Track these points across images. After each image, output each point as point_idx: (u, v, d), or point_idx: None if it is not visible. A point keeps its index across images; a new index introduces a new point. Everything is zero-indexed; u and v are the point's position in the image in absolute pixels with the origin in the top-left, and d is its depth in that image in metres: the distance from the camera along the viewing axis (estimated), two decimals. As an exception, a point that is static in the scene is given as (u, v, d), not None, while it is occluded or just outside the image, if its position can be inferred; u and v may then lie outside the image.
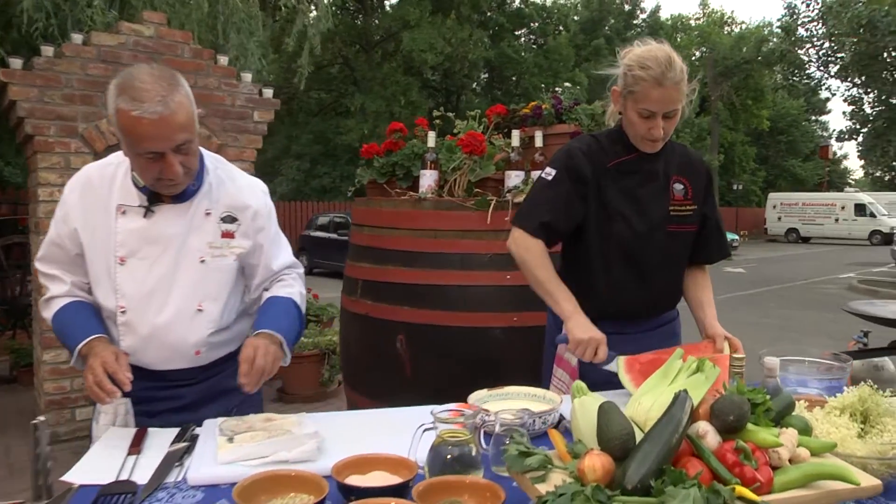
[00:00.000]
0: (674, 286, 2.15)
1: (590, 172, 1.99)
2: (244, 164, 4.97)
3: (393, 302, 3.14)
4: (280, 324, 1.73)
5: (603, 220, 2.01)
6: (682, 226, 2.06)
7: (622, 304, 2.09)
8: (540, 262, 2.00)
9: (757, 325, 9.23)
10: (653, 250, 2.03)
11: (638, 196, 2.00)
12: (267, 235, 1.84)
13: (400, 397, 3.26)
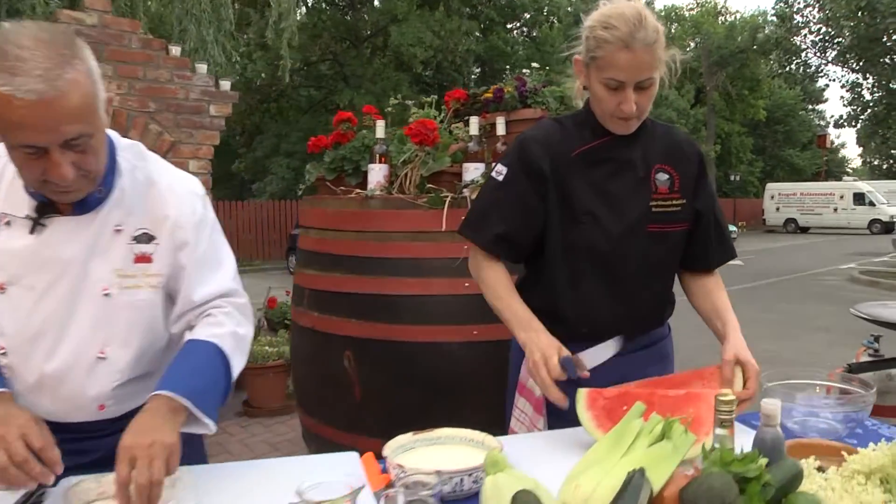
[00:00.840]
0: (660, 299, 1.78)
1: (548, 165, 1.63)
2: (200, 161, 4.62)
3: (340, 314, 2.78)
4: (190, 382, 1.29)
5: (567, 222, 1.64)
6: (668, 224, 1.68)
7: (595, 324, 1.71)
8: (495, 285, 1.68)
9: (757, 322, 8.87)
10: (630, 256, 1.66)
11: (609, 190, 1.63)
12: (191, 254, 1.41)
13: (350, 423, 2.93)
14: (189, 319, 1.45)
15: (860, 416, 1.60)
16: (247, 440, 4.44)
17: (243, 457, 4.17)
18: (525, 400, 1.76)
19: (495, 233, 1.66)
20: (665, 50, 1.57)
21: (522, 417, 1.77)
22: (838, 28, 27.19)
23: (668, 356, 1.87)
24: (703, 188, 1.73)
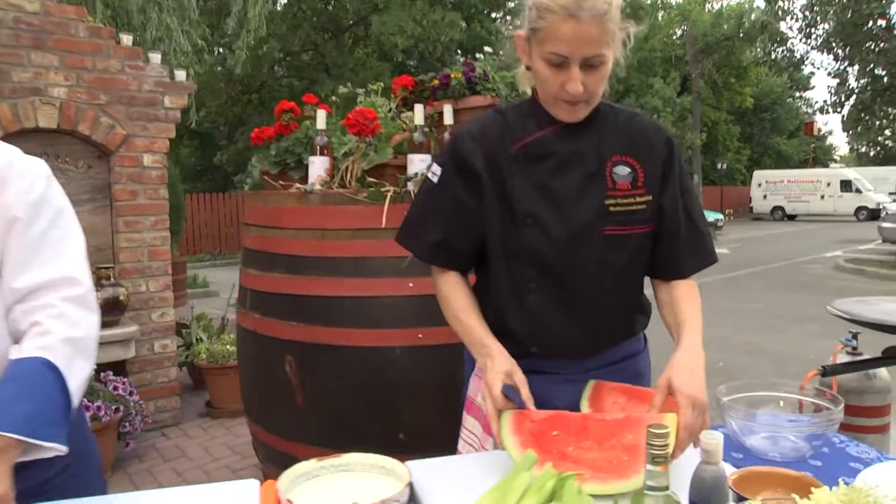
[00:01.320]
0: (625, 311, 1.55)
1: (482, 163, 1.44)
2: (155, 155, 4.41)
3: (280, 317, 2.59)
4: (16, 410, 1.13)
5: (507, 226, 1.44)
6: (629, 227, 1.44)
7: (545, 342, 1.51)
8: (450, 299, 1.51)
9: (740, 312, 8.74)
10: (582, 265, 1.43)
11: (553, 188, 1.42)
12: (21, 233, 1.25)
13: (292, 431, 2.75)
14: (16, 318, 1.27)
15: (827, 434, 1.43)
16: (206, 443, 4.26)
17: (202, 461, 4.00)
18: (474, 419, 1.57)
19: (433, 240, 1.49)
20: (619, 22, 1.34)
21: (471, 438, 1.58)
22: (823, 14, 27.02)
23: (642, 373, 1.64)
24: (669, 181, 1.47)
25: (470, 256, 1.53)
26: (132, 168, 4.33)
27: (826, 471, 1.38)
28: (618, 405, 1.42)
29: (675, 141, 1.50)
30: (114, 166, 4.26)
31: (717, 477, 0.97)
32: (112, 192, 4.29)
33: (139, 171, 4.36)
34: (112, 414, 3.50)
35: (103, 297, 3.90)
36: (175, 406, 4.58)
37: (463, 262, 1.54)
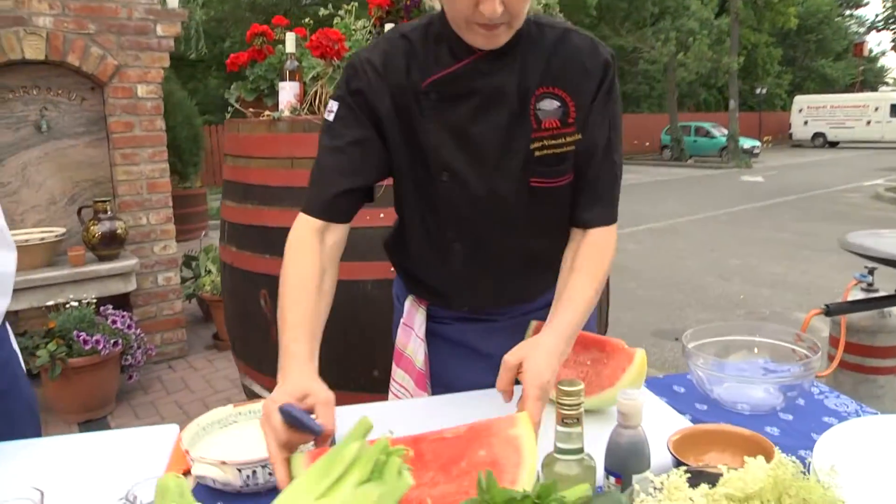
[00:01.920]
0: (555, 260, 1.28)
1: (388, 104, 1.18)
2: (149, 86, 4.27)
3: (254, 249, 2.50)
4: None
5: (422, 178, 1.23)
6: (557, 179, 1.21)
7: (475, 302, 1.38)
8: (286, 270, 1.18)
9: (769, 242, 8.46)
10: (507, 221, 1.25)
11: (471, 135, 1.18)
12: None
13: (269, 366, 2.69)
14: None
15: (803, 384, 1.29)
16: (210, 375, 4.28)
17: (204, 393, 4.02)
18: (403, 372, 1.45)
19: (331, 193, 1.19)
20: None
21: (401, 392, 1.46)
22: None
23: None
24: (599, 113, 1.20)
25: (354, 211, 1.24)
26: (126, 99, 4.21)
27: (795, 426, 1.24)
28: None
29: (613, 63, 1.21)
30: (107, 98, 4.15)
31: (634, 441, 0.85)
32: (107, 124, 4.19)
33: (133, 103, 4.24)
34: (111, 347, 3.50)
35: (101, 230, 3.85)
36: (181, 338, 4.59)
37: (342, 216, 1.22)
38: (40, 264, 3.72)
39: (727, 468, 0.78)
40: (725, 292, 6.25)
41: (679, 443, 1.02)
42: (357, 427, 0.67)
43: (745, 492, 0.74)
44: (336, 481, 0.62)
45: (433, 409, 1.31)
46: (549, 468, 0.86)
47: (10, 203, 3.91)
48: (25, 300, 3.62)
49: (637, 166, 21.51)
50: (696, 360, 1.32)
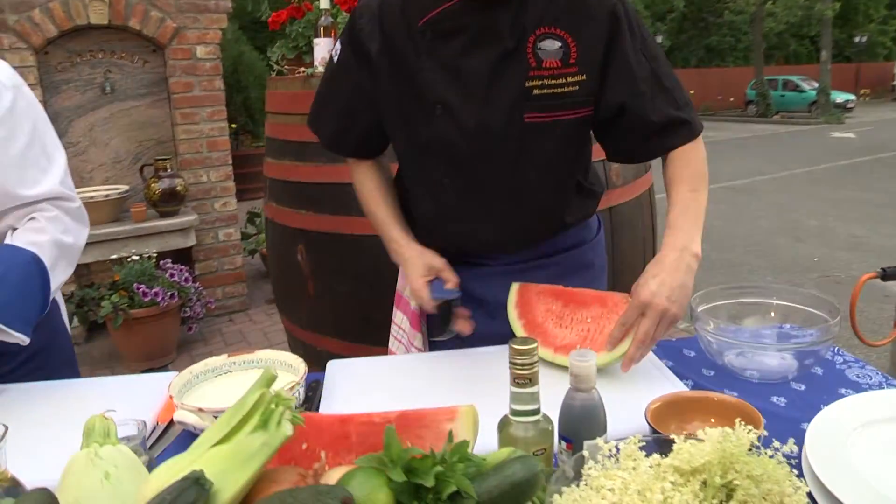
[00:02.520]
0: (557, 203, 1.33)
1: (377, 47, 1.23)
2: (207, 46, 4.36)
3: (291, 205, 2.54)
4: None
5: (416, 115, 1.25)
6: (554, 113, 1.20)
7: (469, 243, 1.36)
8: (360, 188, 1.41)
9: (853, 202, 7.98)
10: (500, 156, 1.24)
11: (463, 70, 1.19)
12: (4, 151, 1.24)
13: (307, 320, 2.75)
14: (12, 221, 1.30)
15: (819, 351, 1.21)
16: (267, 328, 4.41)
17: (260, 346, 4.14)
18: (402, 314, 1.49)
19: (333, 128, 1.38)
20: None
21: (399, 334, 1.50)
22: None
23: (589, 265, 1.45)
24: (621, 56, 1.19)
25: (379, 143, 1.39)
26: (185, 61, 4.31)
27: (805, 396, 1.17)
28: (552, 313, 1.26)
29: (622, 6, 1.19)
30: (168, 59, 4.25)
31: (587, 406, 0.81)
32: (168, 85, 4.30)
33: (193, 64, 4.33)
34: (169, 300, 3.65)
35: (161, 188, 3.99)
36: (242, 292, 4.74)
37: (370, 150, 1.40)
38: (105, 220, 3.90)
39: (683, 437, 0.74)
40: (799, 255, 5.96)
41: (659, 410, 0.98)
42: (260, 378, 0.67)
43: (691, 464, 0.70)
44: (233, 429, 0.63)
45: (430, 365, 1.31)
46: (504, 431, 0.83)
47: (79, 162, 4.10)
48: (91, 254, 3.82)
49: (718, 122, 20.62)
50: (704, 324, 1.25)
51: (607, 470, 0.74)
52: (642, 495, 0.69)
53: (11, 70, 1.32)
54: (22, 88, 1.31)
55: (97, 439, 0.66)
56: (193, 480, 0.56)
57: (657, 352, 1.34)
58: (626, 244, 2.58)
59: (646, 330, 1.12)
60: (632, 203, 2.59)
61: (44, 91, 3.92)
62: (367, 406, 1.01)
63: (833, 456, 0.88)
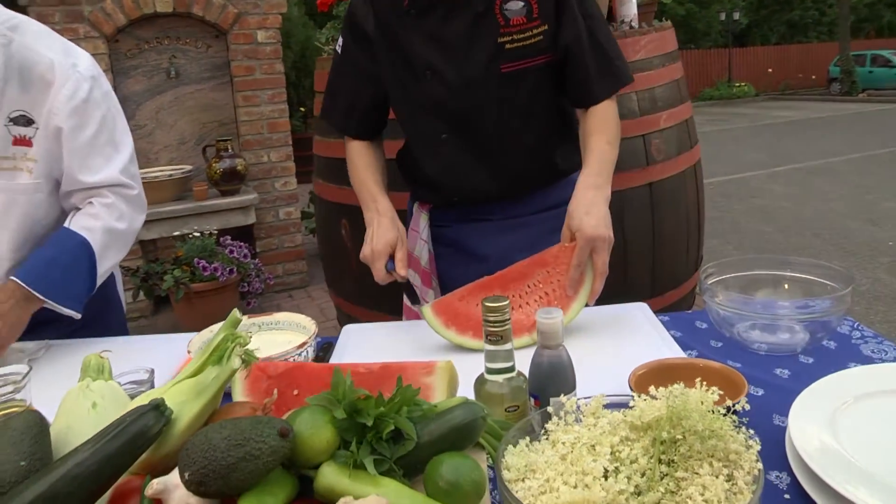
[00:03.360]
0: (542, 150, 1.48)
1: (372, 26, 1.43)
2: (268, 31, 4.49)
3: (335, 181, 2.62)
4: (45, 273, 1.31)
5: (410, 83, 1.43)
6: (526, 60, 1.37)
7: (465, 190, 1.49)
8: (353, 163, 1.53)
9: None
10: (483, 107, 1.41)
11: (444, 37, 1.37)
12: (72, 140, 1.35)
13: (352, 294, 2.83)
14: (75, 201, 1.43)
15: (830, 322, 1.19)
16: (324, 305, 4.54)
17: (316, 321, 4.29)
18: (413, 272, 1.57)
19: (342, 112, 1.53)
20: None
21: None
22: None
23: None
24: (566, 12, 1.36)
25: (378, 123, 1.55)
26: (247, 45, 4.45)
27: (811, 370, 1.15)
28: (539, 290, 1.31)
29: None
30: (230, 44, 4.41)
31: (555, 362, 0.84)
32: (230, 68, 4.46)
33: (254, 48, 4.48)
34: (228, 275, 3.81)
35: (222, 167, 4.16)
36: (302, 269, 4.90)
37: (373, 130, 1.56)
38: (169, 198, 4.10)
39: (640, 396, 0.76)
40: (872, 239, 5.70)
41: (644, 377, 1.00)
42: (227, 321, 0.73)
43: (642, 420, 0.72)
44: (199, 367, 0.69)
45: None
46: (480, 388, 0.87)
47: (146, 143, 4.31)
48: (156, 230, 4.02)
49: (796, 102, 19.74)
50: (713, 295, 1.25)
51: (568, 425, 0.77)
52: (592, 449, 0.72)
53: (91, 60, 1.42)
54: (99, 79, 1.41)
55: (91, 374, 0.74)
56: (153, 407, 0.63)
57: (673, 323, 1.35)
58: (667, 221, 2.55)
59: (603, 260, 1.25)
60: (674, 179, 2.55)
61: (114, 77, 4.14)
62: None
63: (816, 428, 0.87)
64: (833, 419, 0.89)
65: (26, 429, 0.66)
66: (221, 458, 0.58)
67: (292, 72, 8.68)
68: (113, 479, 0.63)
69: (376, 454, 0.65)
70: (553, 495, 0.66)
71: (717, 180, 8.01)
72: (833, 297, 1.18)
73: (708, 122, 14.45)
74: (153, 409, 0.63)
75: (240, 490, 0.61)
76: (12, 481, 0.62)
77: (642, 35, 2.54)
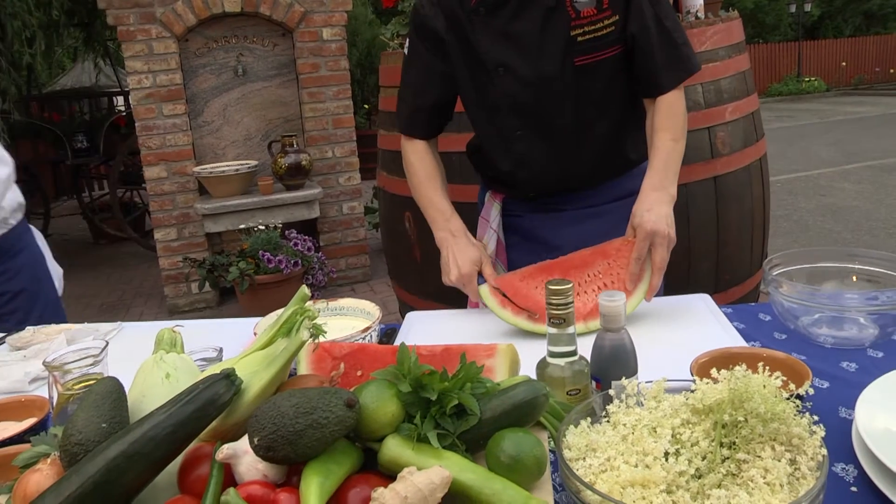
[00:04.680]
0: (618, 138, 1.48)
1: (443, 26, 1.43)
2: (333, 28, 4.57)
3: (399, 174, 2.66)
4: None
5: (481, 80, 1.44)
6: (599, 53, 1.37)
7: (541, 185, 1.51)
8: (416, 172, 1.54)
9: None
10: (560, 100, 1.41)
11: (515, 33, 1.38)
12: None
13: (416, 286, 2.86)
14: None
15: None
16: (386, 298, 4.59)
17: (376, 316, 4.35)
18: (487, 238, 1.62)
19: (408, 112, 1.54)
20: None
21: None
22: None
23: None
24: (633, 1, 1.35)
25: (442, 120, 1.56)
26: (312, 42, 4.54)
27: (881, 364, 1.12)
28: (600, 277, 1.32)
29: None
30: (296, 42, 4.51)
31: (617, 346, 0.85)
32: (296, 66, 4.56)
33: (319, 45, 4.56)
34: (292, 267, 3.91)
35: (287, 162, 4.26)
36: (365, 264, 4.97)
37: (434, 129, 1.57)
38: (236, 192, 4.22)
39: (702, 380, 0.76)
40: (951, 238, 5.43)
41: (706, 365, 0.99)
42: (296, 296, 0.77)
43: (704, 403, 0.72)
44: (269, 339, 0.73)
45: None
46: (542, 371, 0.88)
47: (213, 139, 4.46)
48: (222, 223, 4.16)
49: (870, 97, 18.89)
50: (777, 287, 1.23)
51: (630, 408, 0.78)
52: (653, 431, 0.73)
53: None
54: None
55: (164, 347, 0.79)
56: (224, 376, 0.67)
57: (736, 315, 1.33)
58: (731, 216, 2.50)
59: (662, 257, 1.27)
60: (739, 173, 2.50)
61: (184, 75, 4.29)
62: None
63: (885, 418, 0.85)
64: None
65: (107, 394, 0.71)
66: (289, 424, 0.61)
67: (357, 69, 8.81)
68: (185, 443, 0.67)
69: (440, 428, 0.68)
70: (613, 473, 0.67)
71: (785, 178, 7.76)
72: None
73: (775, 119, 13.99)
74: (224, 378, 0.67)
75: (306, 457, 0.63)
76: (96, 440, 0.67)
77: (708, 26, 2.49)
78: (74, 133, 6.82)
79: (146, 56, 4.23)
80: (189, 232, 4.44)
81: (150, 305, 4.80)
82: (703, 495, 0.65)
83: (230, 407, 0.70)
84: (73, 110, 8.02)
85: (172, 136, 4.28)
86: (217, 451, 0.66)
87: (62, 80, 8.01)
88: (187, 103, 4.31)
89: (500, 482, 0.64)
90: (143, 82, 4.23)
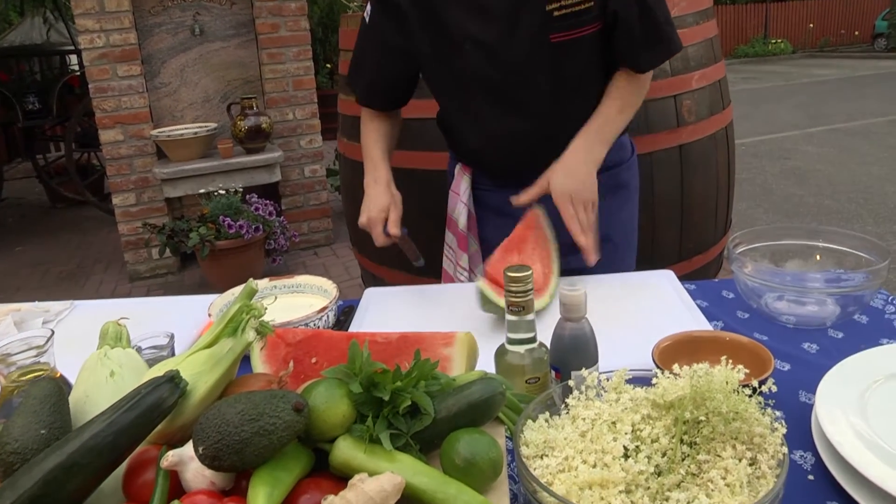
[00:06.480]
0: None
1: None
2: None
3: (359, 139, 2.60)
4: None
5: (448, 55, 1.34)
6: (577, 30, 1.27)
7: (513, 163, 1.44)
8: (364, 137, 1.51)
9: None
10: (533, 78, 1.32)
11: (487, 5, 1.27)
12: None
13: (378, 255, 2.82)
14: None
15: (863, 297, 1.16)
16: (349, 263, 4.55)
17: (340, 279, 4.30)
18: (451, 234, 1.58)
19: (366, 84, 1.48)
20: None
21: (449, 253, 1.60)
22: None
23: (625, 185, 1.53)
24: None
25: (404, 95, 1.50)
26: (271, 2, 4.39)
27: (841, 345, 1.12)
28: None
29: None
30: (254, 1, 4.35)
31: (577, 335, 0.82)
32: (255, 26, 4.41)
33: (279, 4, 4.41)
34: (253, 232, 3.83)
35: (247, 125, 4.14)
36: (327, 227, 4.90)
37: (397, 102, 1.52)
38: (195, 156, 4.10)
39: (664, 372, 0.74)
40: (910, 203, 5.54)
41: (669, 349, 0.98)
42: (242, 291, 0.73)
43: (665, 398, 0.70)
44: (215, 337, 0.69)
45: (463, 294, 1.34)
46: (500, 358, 0.86)
47: (171, 101, 4.31)
48: (182, 188, 4.04)
49: (836, 59, 19.07)
50: (741, 266, 1.22)
51: (589, 400, 0.76)
52: (613, 426, 0.71)
53: None
54: None
55: (109, 342, 0.75)
56: (168, 379, 0.63)
57: (699, 292, 1.32)
58: (697, 184, 2.49)
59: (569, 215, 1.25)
60: (705, 141, 2.49)
61: (138, 34, 4.11)
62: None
63: (844, 408, 0.85)
64: (862, 399, 0.87)
65: (45, 397, 0.67)
66: (235, 432, 0.58)
67: (319, 28, 8.58)
68: (129, 450, 0.63)
69: (392, 429, 0.65)
70: (571, 474, 0.65)
71: (749, 141, 7.82)
72: (868, 270, 1.14)
73: (741, 81, 14.05)
74: (168, 381, 0.63)
75: (254, 464, 0.60)
76: (34, 448, 0.63)
77: (676, -9, 2.44)
78: (25, 94, 6.54)
79: (97, 14, 4.03)
80: (148, 197, 4.31)
81: (110, 272, 4.69)
82: (662, 496, 0.63)
83: (175, 410, 0.67)
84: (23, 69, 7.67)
85: (128, 98, 4.12)
86: (162, 458, 0.63)
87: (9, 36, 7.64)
88: (143, 64, 4.15)
89: (455, 486, 0.62)
90: (95, 42, 4.04)
